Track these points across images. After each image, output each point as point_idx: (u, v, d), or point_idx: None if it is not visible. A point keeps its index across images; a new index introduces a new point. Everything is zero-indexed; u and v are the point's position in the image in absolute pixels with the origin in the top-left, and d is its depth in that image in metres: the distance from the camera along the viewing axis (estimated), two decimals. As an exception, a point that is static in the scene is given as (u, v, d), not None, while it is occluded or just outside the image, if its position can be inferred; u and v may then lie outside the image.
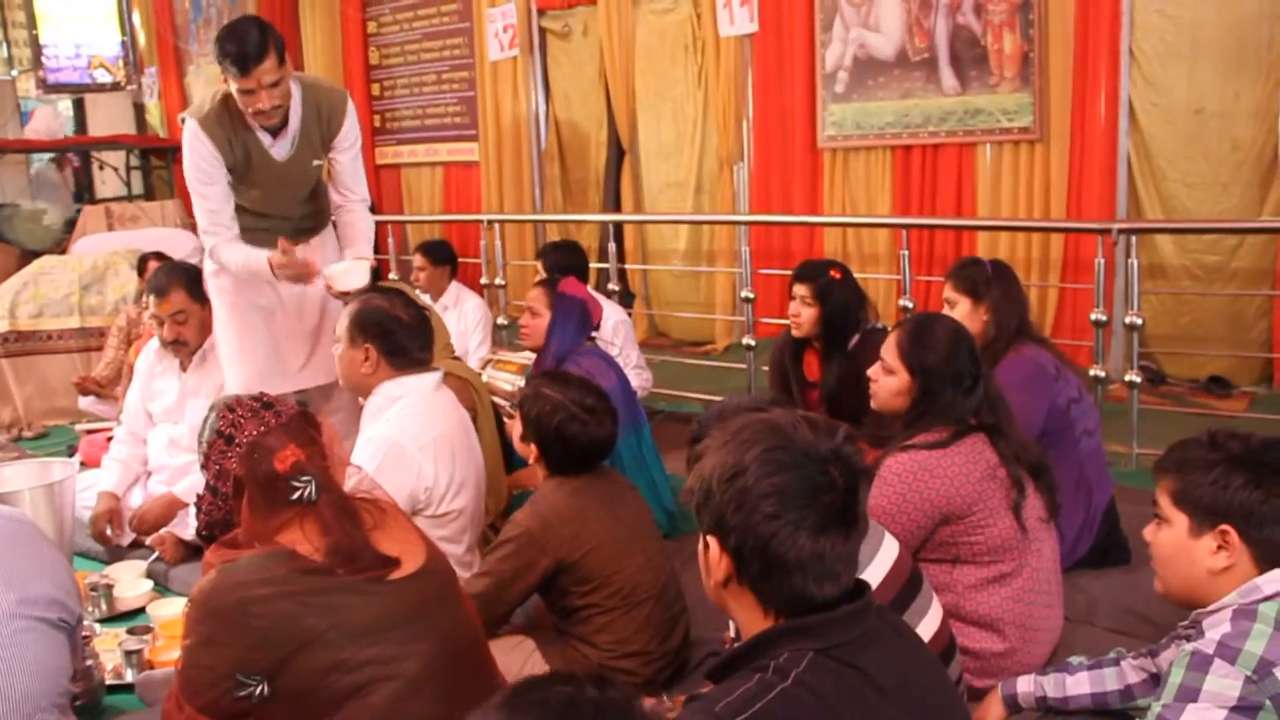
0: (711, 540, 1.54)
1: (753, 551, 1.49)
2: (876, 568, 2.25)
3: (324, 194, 3.89)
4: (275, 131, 3.57)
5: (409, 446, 2.95)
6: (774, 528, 1.47)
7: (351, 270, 3.58)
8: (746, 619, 1.55)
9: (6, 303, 6.26)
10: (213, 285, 3.86)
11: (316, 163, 3.72)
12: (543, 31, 8.11)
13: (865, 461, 1.55)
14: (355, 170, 3.83)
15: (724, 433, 1.57)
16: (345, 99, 3.73)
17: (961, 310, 3.43)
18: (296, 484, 1.99)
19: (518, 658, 2.69)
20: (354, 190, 3.84)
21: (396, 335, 3.10)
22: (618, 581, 2.64)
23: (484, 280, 6.79)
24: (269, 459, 1.99)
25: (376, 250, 8.05)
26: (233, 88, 3.39)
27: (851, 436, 1.55)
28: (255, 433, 2.02)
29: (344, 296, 3.47)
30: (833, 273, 3.93)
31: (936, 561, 2.62)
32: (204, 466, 2.07)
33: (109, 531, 3.91)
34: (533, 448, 2.78)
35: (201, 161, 3.57)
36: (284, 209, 3.77)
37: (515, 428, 2.84)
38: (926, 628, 2.26)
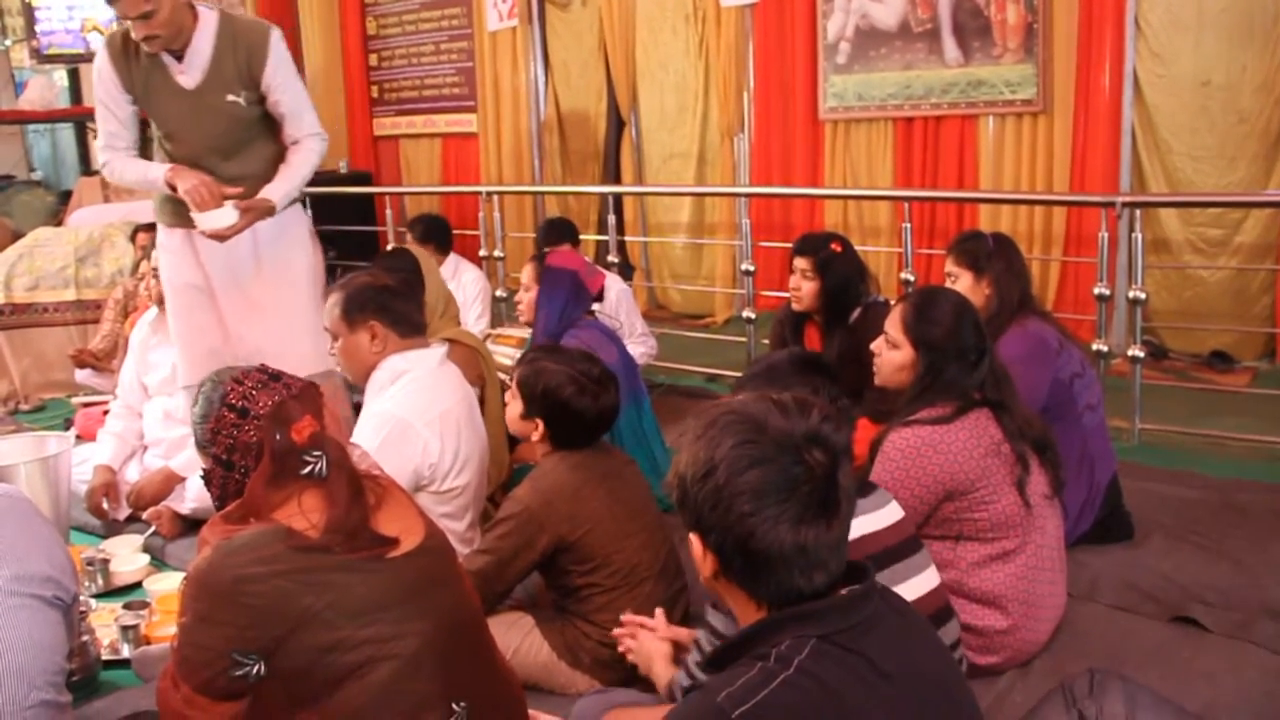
0: (694, 538, 1.51)
1: (734, 549, 1.46)
2: (881, 516, 2.27)
3: (260, 159, 3.65)
4: (179, 56, 3.45)
5: (415, 422, 2.92)
6: (751, 525, 1.43)
7: (218, 212, 3.38)
8: (739, 609, 1.54)
9: (1, 275, 6.22)
10: (160, 262, 3.83)
11: (232, 98, 3.51)
12: (541, 1, 8.04)
13: (846, 438, 1.51)
14: (296, 107, 3.61)
15: (697, 424, 1.53)
16: (267, 34, 3.54)
17: (963, 284, 3.41)
18: (309, 458, 1.95)
19: (516, 635, 2.67)
20: (300, 126, 3.64)
21: (395, 304, 3.07)
22: (618, 561, 2.62)
23: (483, 252, 6.75)
24: (287, 430, 1.96)
25: (374, 222, 8.09)
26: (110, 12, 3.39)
27: (829, 415, 1.50)
28: (270, 403, 1.98)
29: (216, 236, 3.39)
30: (833, 246, 3.91)
31: (940, 538, 2.60)
32: (209, 442, 2.02)
33: (105, 505, 3.89)
34: (538, 424, 2.74)
35: (102, 84, 3.53)
36: (204, 156, 3.55)
37: (514, 407, 2.80)
38: (919, 585, 2.27)
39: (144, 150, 3.72)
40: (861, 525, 2.21)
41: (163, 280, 3.80)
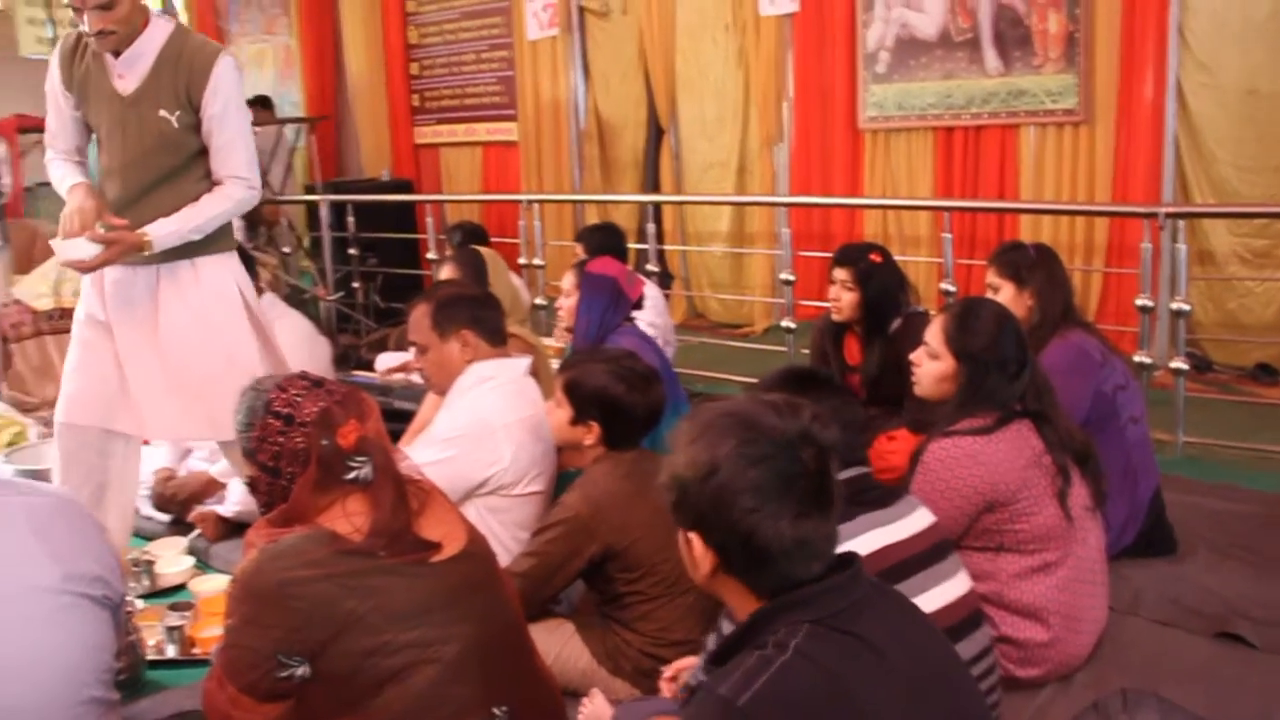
0: (693, 536, 1.57)
1: (736, 546, 1.53)
2: (902, 527, 2.27)
3: (179, 193, 3.26)
4: (118, 53, 3.19)
5: (494, 424, 2.95)
6: (754, 521, 1.50)
7: (74, 242, 3.05)
8: (738, 603, 1.59)
9: (51, 280, 6.29)
10: None
11: (163, 114, 3.20)
12: (581, 11, 8.08)
13: (835, 436, 1.58)
14: (224, 139, 3.24)
15: (692, 427, 1.59)
16: (216, 56, 3.21)
17: (1005, 295, 3.39)
18: (354, 463, 1.98)
19: (557, 640, 2.68)
20: (225, 164, 3.27)
21: (485, 314, 3.12)
22: (663, 570, 2.62)
23: (522, 260, 6.78)
24: (332, 435, 1.98)
25: (415, 229, 8.14)
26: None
27: (819, 414, 1.58)
28: (315, 410, 2.01)
29: (76, 267, 3.12)
30: (873, 256, 3.90)
31: (980, 549, 2.59)
32: (255, 450, 2.04)
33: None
34: (591, 427, 2.75)
35: (50, 81, 3.35)
36: (125, 170, 3.26)
37: (560, 415, 2.81)
38: (945, 593, 2.26)
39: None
40: (882, 536, 2.22)
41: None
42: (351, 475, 1.98)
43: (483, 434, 2.95)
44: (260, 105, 9.53)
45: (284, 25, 10.33)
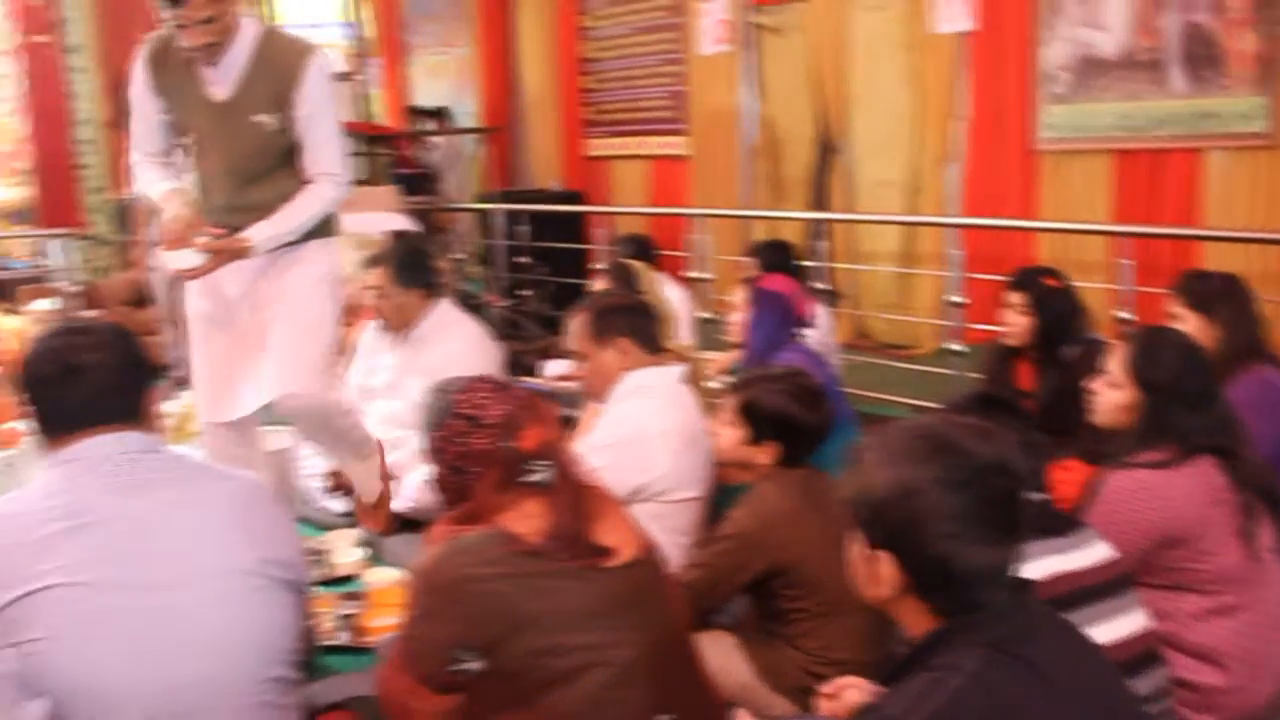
0: (882, 556, 1.55)
1: (931, 569, 1.52)
2: (1080, 556, 2.24)
3: (279, 193, 3.32)
4: (214, 65, 3.20)
5: (649, 431, 3.00)
6: (953, 547, 1.49)
7: (181, 253, 3.10)
8: (912, 622, 1.58)
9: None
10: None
11: (259, 118, 3.23)
12: (754, 27, 8.10)
13: (1030, 464, 1.61)
14: (317, 137, 3.28)
15: (887, 447, 1.57)
16: (309, 53, 3.25)
17: (1189, 326, 3.30)
18: (535, 467, 2.04)
19: (718, 653, 2.69)
20: (316, 161, 3.30)
21: (642, 322, 3.18)
22: (828, 589, 2.61)
23: (688, 273, 6.83)
24: (515, 438, 2.05)
25: (584, 240, 8.28)
26: (163, 15, 3.16)
27: (1017, 442, 1.58)
28: (500, 413, 2.07)
29: (182, 275, 3.19)
30: (1049, 281, 3.85)
31: (1158, 587, 2.52)
32: (439, 450, 2.12)
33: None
34: (769, 447, 2.77)
35: (135, 85, 3.33)
36: (223, 176, 3.31)
37: (732, 435, 2.83)
38: (1121, 627, 2.21)
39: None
40: (1057, 564, 2.18)
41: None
42: (532, 479, 2.04)
43: (638, 441, 2.99)
44: (438, 116, 9.82)
45: (462, 38, 10.62)
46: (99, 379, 2.03)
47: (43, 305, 7.33)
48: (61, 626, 1.83)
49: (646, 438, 3.00)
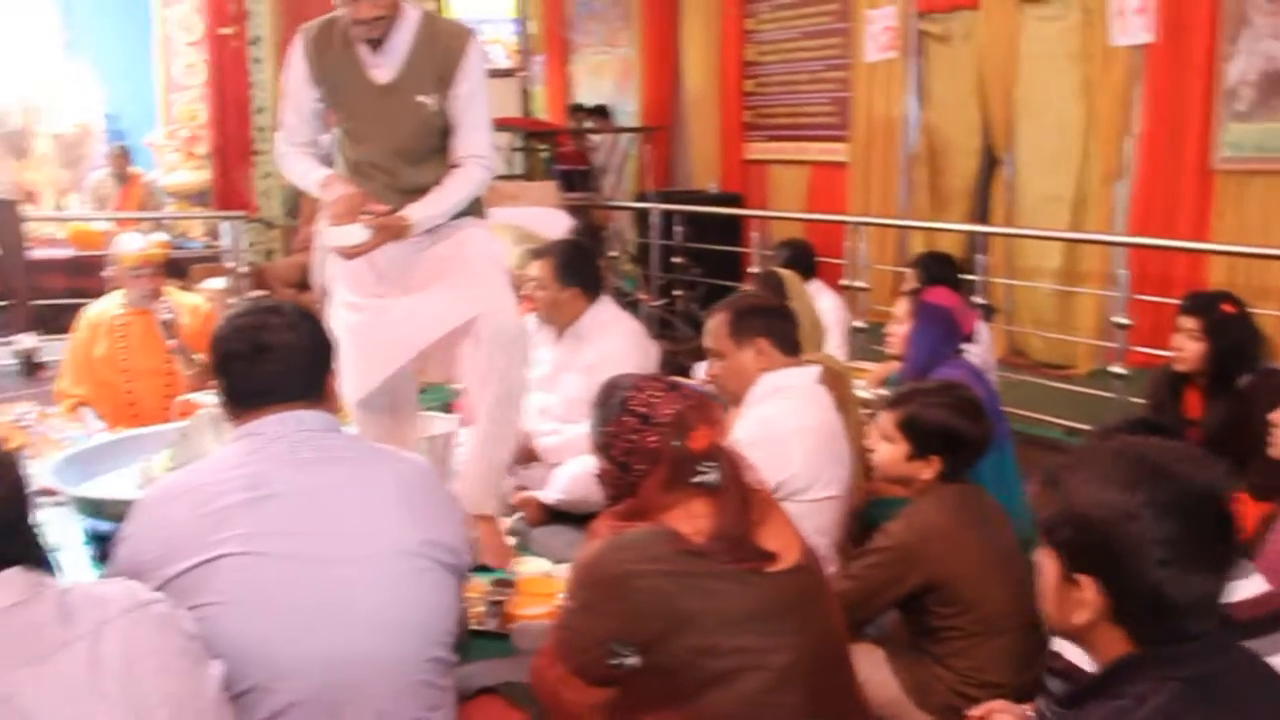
0: (1086, 580, 1.50)
1: (1141, 597, 1.46)
2: (1240, 586, 2.14)
3: (442, 171, 3.40)
4: (376, 46, 3.26)
5: (785, 431, 3.00)
6: (1166, 575, 1.44)
7: (347, 229, 3.13)
8: (1106, 649, 1.53)
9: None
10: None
11: (422, 99, 3.29)
12: (921, 34, 8.01)
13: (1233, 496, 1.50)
14: (471, 119, 3.33)
15: (1091, 467, 1.53)
16: (469, 36, 3.33)
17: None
18: (704, 467, 2.05)
19: (867, 666, 2.67)
20: (468, 143, 3.35)
21: (780, 323, 3.17)
22: (983, 608, 2.59)
23: (844, 281, 6.78)
24: (685, 438, 2.07)
25: (740, 243, 8.29)
26: None
27: (1229, 471, 1.50)
28: (671, 412, 2.09)
29: (342, 253, 3.19)
30: (1226, 306, 3.72)
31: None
32: (608, 445, 2.14)
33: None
34: (931, 461, 2.76)
35: (291, 72, 3.39)
36: (387, 158, 3.38)
37: (893, 450, 2.81)
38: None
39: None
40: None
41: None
42: (699, 479, 2.05)
43: (774, 439, 2.96)
44: (599, 114, 9.93)
45: (625, 38, 10.74)
46: (287, 358, 2.11)
47: (214, 284, 7.63)
48: (234, 593, 1.90)
49: (782, 436, 2.99)
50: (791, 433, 3.00)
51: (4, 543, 1.57)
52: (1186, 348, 3.72)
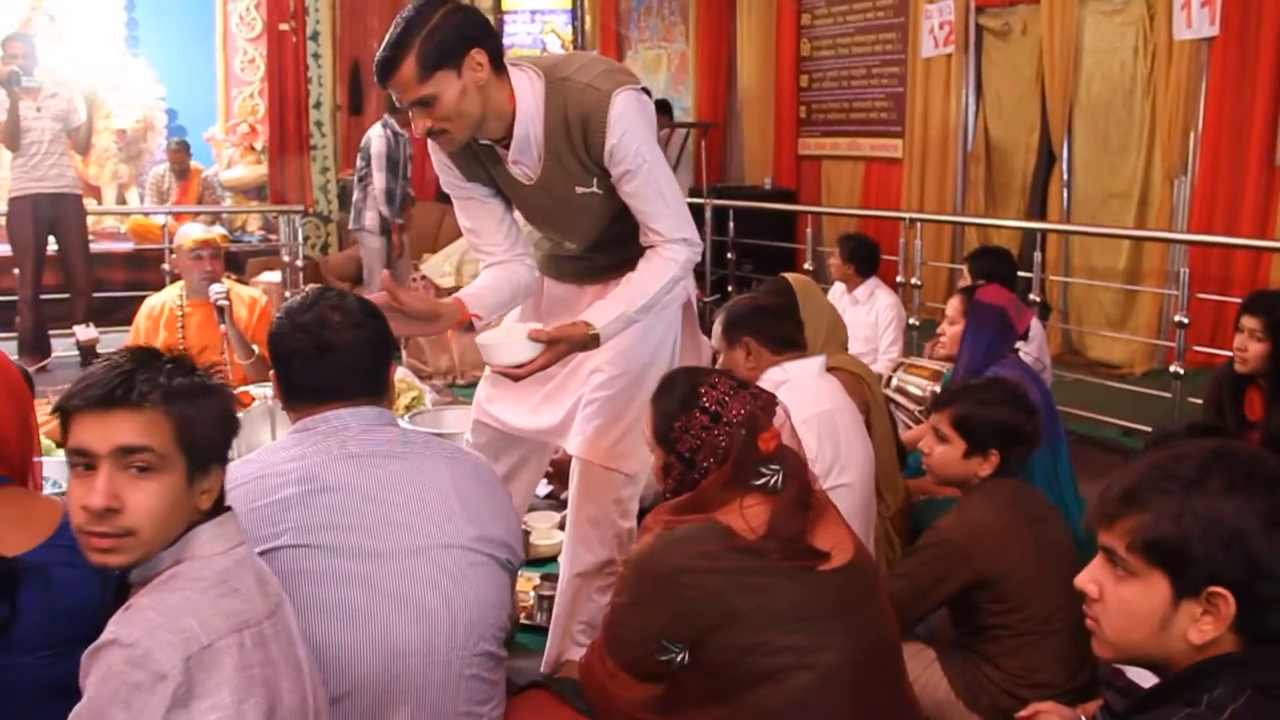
0: (1224, 593, 1.42)
1: (1275, 603, 1.41)
2: None
3: (637, 242, 2.71)
4: (502, 143, 2.61)
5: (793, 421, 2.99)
6: None
7: (506, 344, 2.50)
8: (1184, 659, 1.47)
9: (455, 260, 6.84)
10: None
11: (583, 190, 2.65)
12: (979, 29, 7.93)
13: None
14: (647, 196, 2.59)
15: (1225, 475, 1.44)
16: (605, 101, 2.50)
17: None
18: (767, 470, 2.04)
19: (916, 666, 2.66)
20: (655, 225, 2.61)
21: (767, 322, 3.16)
22: (1035, 606, 2.57)
23: (899, 279, 6.73)
24: (754, 439, 2.06)
25: (793, 239, 8.25)
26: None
27: None
28: (742, 412, 2.08)
29: (505, 373, 2.52)
30: (1289, 307, 3.65)
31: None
32: (675, 439, 2.12)
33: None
34: (989, 458, 2.74)
35: (440, 171, 2.80)
36: (575, 248, 2.89)
37: (948, 450, 2.79)
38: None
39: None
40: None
41: None
42: (762, 481, 2.05)
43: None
44: (660, 110, 9.90)
45: (681, 33, 10.73)
46: (350, 359, 2.10)
47: (270, 277, 7.73)
48: (289, 585, 1.90)
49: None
50: (799, 421, 2.98)
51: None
52: (1249, 348, 3.65)
